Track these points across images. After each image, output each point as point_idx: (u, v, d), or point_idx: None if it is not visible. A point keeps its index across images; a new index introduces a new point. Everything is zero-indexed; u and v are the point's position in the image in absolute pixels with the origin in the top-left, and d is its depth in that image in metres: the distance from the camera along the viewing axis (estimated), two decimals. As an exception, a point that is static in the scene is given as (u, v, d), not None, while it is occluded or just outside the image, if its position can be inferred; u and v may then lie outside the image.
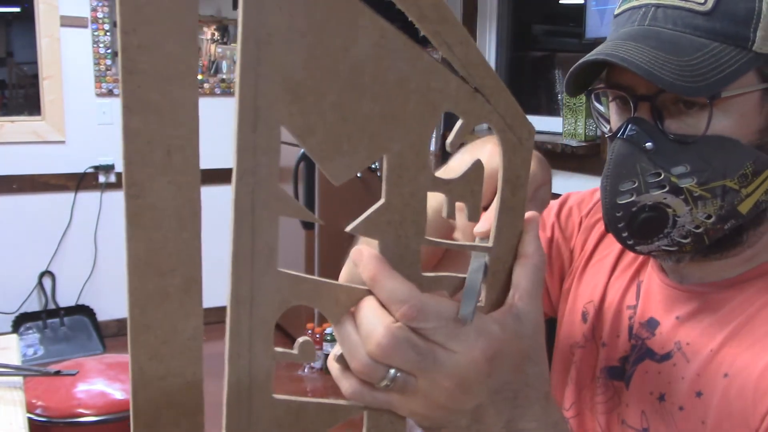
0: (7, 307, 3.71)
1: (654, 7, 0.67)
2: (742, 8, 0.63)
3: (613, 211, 0.68)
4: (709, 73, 0.62)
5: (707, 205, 0.66)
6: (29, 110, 4.23)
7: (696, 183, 0.65)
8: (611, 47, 0.65)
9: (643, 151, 0.66)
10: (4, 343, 1.63)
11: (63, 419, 1.94)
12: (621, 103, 0.71)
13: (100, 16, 3.71)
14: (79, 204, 3.79)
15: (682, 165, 0.65)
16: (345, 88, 0.37)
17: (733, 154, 0.65)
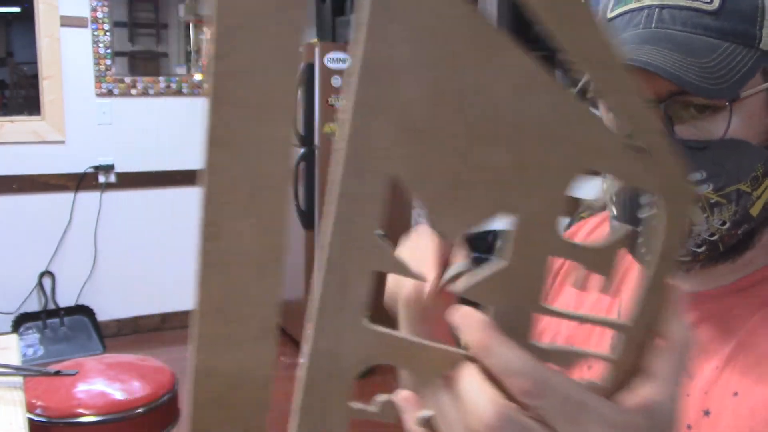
0: (7, 307, 3.71)
1: (658, 8, 0.64)
2: (747, 6, 0.63)
3: (634, 225, 0.65)
4: (728, 74, 0.61)
5: (723, 212, 0.64)
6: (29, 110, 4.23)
7: (713, 189, 0.63)
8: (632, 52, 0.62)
9: None
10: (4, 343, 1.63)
11: (63, 419, 1.94)
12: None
13: (100, 16, 3.71)
14: (79, 204, 3.79)
15: (699, 172, 0.63)
16: (474, 133, 0.32)
17: (746, 156, 0.64)
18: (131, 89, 3.85)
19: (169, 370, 2.21)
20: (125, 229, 3.90)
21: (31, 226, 3.71)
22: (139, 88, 3.86)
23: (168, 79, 3.94)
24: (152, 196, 3.95)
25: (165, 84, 3.92)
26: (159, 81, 3.91)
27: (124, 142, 3.83)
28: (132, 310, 3.99)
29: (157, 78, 3.93)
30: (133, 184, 3.90)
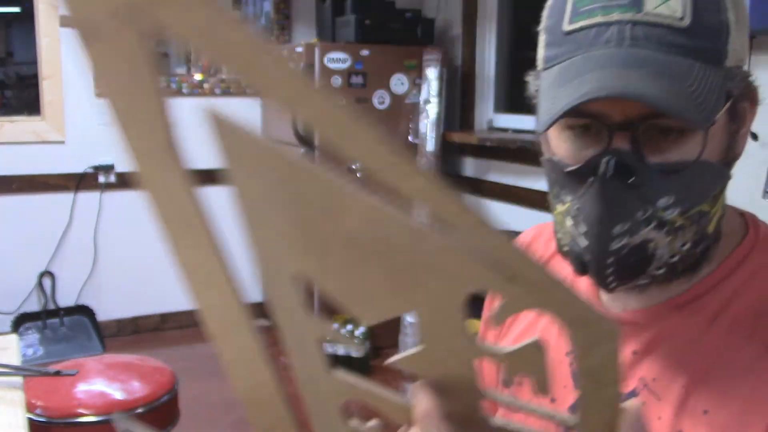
0: (7, 307, 3.71)
1: (630, 24, 0.60)
2: (714, 21, 0.61)
3: (605, 258, 0.62)
4: (706, 99, 0.59)
5: (685, 234, 0.63)
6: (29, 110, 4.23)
7: (679, 213, 0.62)
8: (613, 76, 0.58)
9: (630, 187, 0.61)
10: (4, 343, 1.63)
11: (63, 419, 1.94)
12: (579, 131, 0.64)
13: (100, 16, 3.71)
14: (78, 204, 3.79)
15: (668, 196, 0.61)
16: (345, 255, 0.35)
17: (710, 177, 0.63)
18: (131, 89, 3.85)
19: (169, 370, 2.21)
20: (125, 229, 3.90)
21: (31, 226, 3.71)
22: (139, 88, 3.86)
23: (168, 79, 3.94)
24: (152, 196, 3.95)
25: (165, 84, 3.92)
26: (159, 81, 3.91)
27: (124, 142, 3.83)
28: (132, 310, 3.99)
29: (157, 78, 3.93)
30: (133, 184, 3.88)
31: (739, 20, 0.63)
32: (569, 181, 0.64)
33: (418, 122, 3.61)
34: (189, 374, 3.36)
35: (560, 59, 0.64)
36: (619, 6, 0.61)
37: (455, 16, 3.90)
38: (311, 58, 3.43)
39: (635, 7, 0.60)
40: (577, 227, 0.64)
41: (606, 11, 0.61)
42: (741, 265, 0.68)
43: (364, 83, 3.53)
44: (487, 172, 3.76)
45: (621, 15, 0.60)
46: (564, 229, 0.67)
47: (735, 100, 0.64)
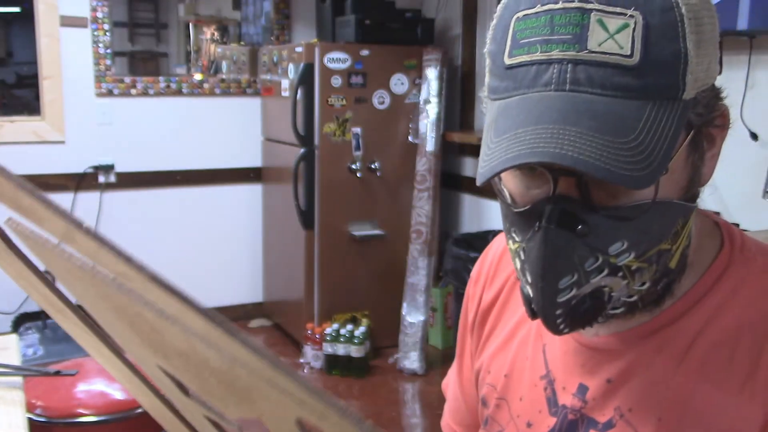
0: (7, 307, 3.71)
1: (570, 63, 0.55)
2: (668, 53, 0.55)
3: (553, 309, 0.60)
4: (656, 148, 0.54)
5: (643, 274, 0.60)
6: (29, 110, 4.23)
7: (634, 257, 0.59)
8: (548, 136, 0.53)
9: (577, 236, 0.57)
10: (4, 343, 1.63)
11: (63, 419, 1.93)
12: (527, 171, 0.60)
13: (100, 16, 3.71)
14: (79, 204, 3.79)
15: (619, 242, 0.58)
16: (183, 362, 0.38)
17: (669, 216, 0.60)
18: (131, 89, 3.84)
19: (169, 370, 2.21)
20: (125, 229, 3.90)
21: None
22: (139, 88, 3.86)
23: (168, 79, 3.94)
24: (152, 196, 3.95)
25: (165, 84, 3.92)
26: (159, 81, 3.91)
27: (124, 142, 3.83)
28: (132, 310, 3.98)
29: (157, 78, 3.92)
30: (133, 184, 3.90)
31: (701, 43, 0.57)
32: (519, 221, 0.61)
33: (418, 122, 3.62)
34: (189, 374, 3.36)
35: (501, 95, 0.60)
36: (560, 42, 0.55)
37: (455, 16, 3.90)
38: (311, 58, 3.43)
39: (577, 45, 0.54)
40: (525, 275, 0.61)
41: (546, 47, 0.56)
42: (719, 282, 0.65)
43: (364, 83, 3.53)
44: (487, 172, 3.75)
45: (562, 53, 0.55)
46: (516, 269, 0.64)
47: (698, 129, 0.60)
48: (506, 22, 0.60)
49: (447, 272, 3.14)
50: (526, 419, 0.74)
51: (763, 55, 2.34)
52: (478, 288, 0.86)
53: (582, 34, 0.54)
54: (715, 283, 0.65)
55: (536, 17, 0.57)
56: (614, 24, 0.54)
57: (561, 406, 0.71)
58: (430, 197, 3.58)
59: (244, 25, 4.51)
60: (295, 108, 3.43)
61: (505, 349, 0.80)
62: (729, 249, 0.67)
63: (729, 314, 0.64)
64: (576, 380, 0.70)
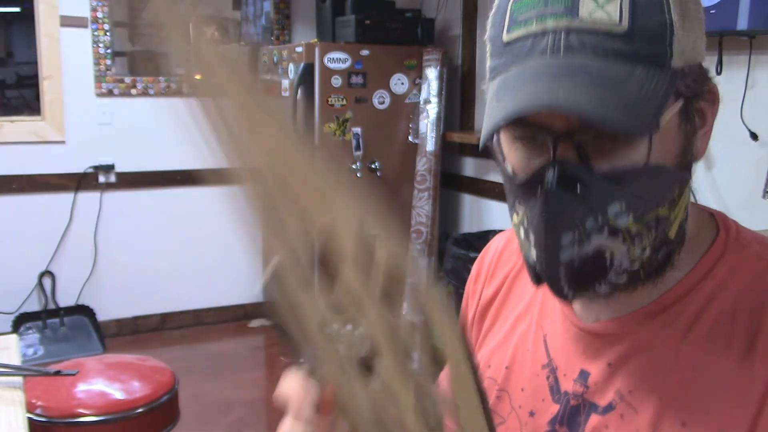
0: (7, 307, 3.71)
1: (563, 32, 0.59)
2: (655, 23, 0.58)
3: (556, 268, 0.62)
4: (647, 104, 0.57)
5: (643, 240, 0.62)
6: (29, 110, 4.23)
7: (632, 219, 0.61)
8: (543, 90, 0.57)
9: (576, 196, 0.60)
10: (4, 343, 1.63)
11: (63, 419, 1.94)
12: (527, 142, 0.63)
13: (100, 16, 3.71)
14: (79, 204, 3.79)
15: (617, 203, 0.60)
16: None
17: (664, 181, 0.62)
18: (131, 89, 3.84)
19: (169, 370, 2.21)
20: (125, 229, 3.90)
21: (31, 226, 3.71)
22: (139, 88, 3.86)
23: (168, 79, 3.94)
24: (152, 196, 3.95)
25: (165, 84, 3.92)
26: (159, 81, 3.91)
27: (124, 142, 3.83)
28: (132, 310, 3.99)
29: (157, 78, 3.92)
30: (133, 184, 3.90)
31: (686, 18, 0.60)
32: (521, 192, 0.63)
33: (418, 122, 3.61)
34: (189, 374, 3.36)
35: (500, 71, 0.63)
36: (554, 14, 0.59)
37: (455, 16, 3.90)
38: (311, 58, 3.43)
39: (569, 15, 0.58)
40: (528, 238, 0.64)
41: (541, 19, 0.59)
42: (714, 269, 0.67)
43: (364, 83, 3.53)
44: (487, 172, 3.76)
45: (555, 23, 0.59)
46: (520, 240, 0.66)
47: (688, 100, 0.62)
48: (504, 6, 0.64)
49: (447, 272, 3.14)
50: (528, 409, 0.75)
51: (763, 55, 2.34)
52: (478, 285, 0.87)
53: (573, 5, 0.58)
54: (711, 268, 0.67)
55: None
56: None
57: (563, 392, 0.72)
58: (430, 197, 3.58)
59: (244, 25, 4.51)
60: (295, 108, 3.43)
61: (505, 344, 0.80)
62: (724, 236, 0.69)
63: (725, 297, 0.65)
64: (578, 366, 0.71)
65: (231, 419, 3.07)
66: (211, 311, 4.17)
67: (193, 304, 4.12)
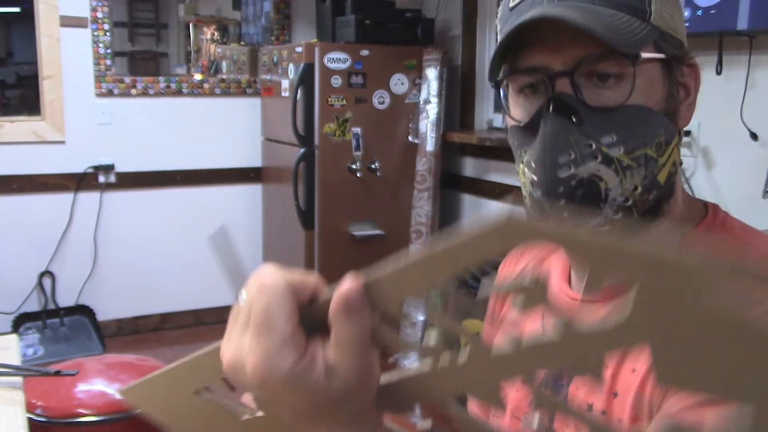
0: (7, 307, 3.71)
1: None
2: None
3: (555, 186, 0.68)
4: (629, 33, 0.66)
5: (634, 176, 0.68)
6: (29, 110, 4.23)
7: (624, 152, 0.67)
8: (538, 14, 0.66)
9: (573, 123, 0.67)
10: (4, 343, 1.63)
11: (63, 419, 1.94)
12: (531, 91, 0.71)
13: (100, 16, 3.71)
14: (79, 204, 3.79)
15: (609, 135, 0.67)
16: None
17: (651, 121, 0.69)
18: (131, 89, 3.84)
19: (169, 370, 2.21)
20: (125, 229, 3.90)
21: (31, 226, 3.71)
22: (139, 88, 3.86)
23: (168, 79, 3.94)
24: (152, 196, 3.95)
25: (165, 84, 3.92)
26: (159, 81, 3.91)
27: (124, 142, 3.83)
28: (132, 310, 3.99)
29: (157, 78, 3.92)
30: (133, 184, 3.90)
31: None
32: (525, 136, 0.71)
33: (418, 122, 3.61)
34: (189, 374, 3.36)
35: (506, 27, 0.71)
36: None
37: (455, 16, 3.90)
38: (311, 58, 3.43)
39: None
40: (530, 169, 0.70)
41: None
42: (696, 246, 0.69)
43: (364, 83, 3.53)
44: (487, 172, 3.76)
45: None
46: (524, 182, 0.73)
47: (669, 60, 0.70)
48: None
49: (447, 272, 3.14)
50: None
51: (763, 55, 2.34)
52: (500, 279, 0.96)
53: None
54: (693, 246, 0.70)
55: None
56: None
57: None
58: (430, 197, 3.58)
59: (244, 25, 4.51)
60: (295, 108, 3.43)
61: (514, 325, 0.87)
62: (712, 219, 0.75)
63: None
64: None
65: (231, 419, 3.07)
66: (211, 311, 4.17)
67: (193, 304, 4.12)
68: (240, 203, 4.14)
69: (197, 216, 4.04)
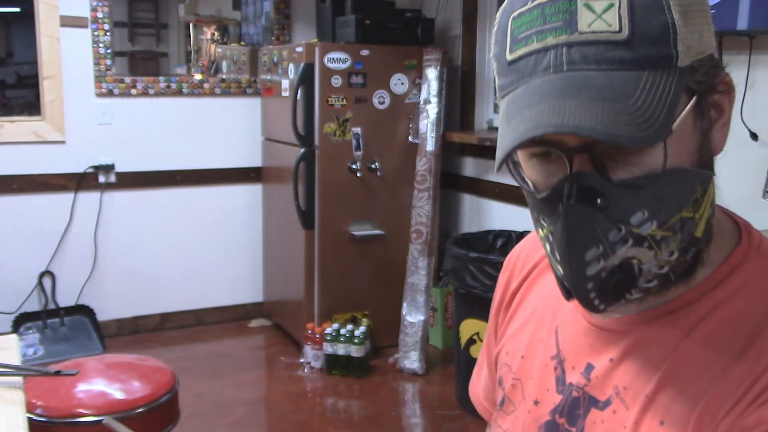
0: (7, 307, 3.71)
1: (564, 47, 0.58)
2: (656, 25, 0.58)
3: (584, 284, 0.62)
4: (656, 111, 0.56)
5: (670, 244, 0.62)
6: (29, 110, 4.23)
7: (656, 226, 0.60)
8: (549, 111, 0.56)
9: (597, 209, 0.59)
10: (4, 343, 1.63)
11: (63, 419, 1.93)
12: (543, 157, 0.63)
13: (100, 16, 3.71)
14: (79, 204, 3.79)
15: (639, 212, 0.60)
16: None
17: (685, 182, 0.61)
18: (131, 89, 3.84)
19: (169, 370, 2.21)
20: (125, 229, 3.90)
21: (31, 226, 3.71)
22: (139, 88, 3.86)
23: (168, 79, 3.94)
24: (152, 196, 3.95)
25: (165, 84, 3.92)
26: (159, 81, 3.91)
27: (124, 142, 3.83)
28: (132, 310, 3.99)
29: (157, 78, 3.92)
30: (133, 184, 3.90)
31: (689, 13, 0.60)
32: (543, 206, 0.63)
33: (418, 122, 3.61)
34: (189, 374, 3.36)
35: (507, 90, 0.63)
36: (553, 29, 0.59)
37: (455, 16, 3.90)
38: (311, 58, 3.43)
39: (569, 29, 0.58)
40: (554, 255, 0.64)
41: (541, 36, 0.60)
42: (731, 275, 0.66)
43: (364, 83, 3.53)
44: (487, 172, 3.76)
45: (555, 39, 0.59)
46: (548, 255, 0.66)
47: (701, 95, 0.62)
48: (504, 24, 0.64)
49: (447, 272, 3.14)
50: (534, 397, 0.76)
51: (763, 55, 2.34)
52: (504, 277, 0.90)
53: (572, 18, 0.58)
54: (727, 276, 0.66)
55: (529, 13, 0.61)
56: (600, 6, 0.58)
57: (568, 384, 0.73)
58: (430, 197, 3.58)
59: (244, 25, 4.51)
60: (295, 108, 3.43)
61: (522, 332, 0.82)
62: (746, 245, 0.68)
63: (735, 304, 0.65)
64: (584, 360, 0.72)
65: (231, 419, 3.07)
66: (211, 311, 4.17)
67: (193, 304, 4.12)
68: (240, 203, 4.14)
69: (197, 216, 4.04)
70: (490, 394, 0.93)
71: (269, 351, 3.88)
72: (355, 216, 3.62)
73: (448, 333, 3.75)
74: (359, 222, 3.63)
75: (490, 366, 0.92)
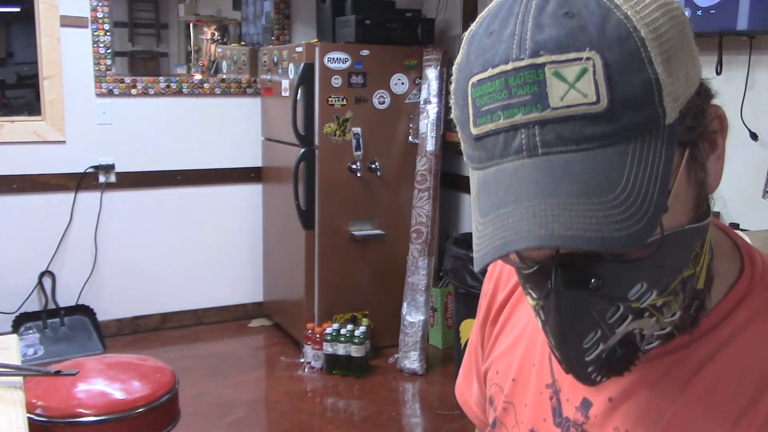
0: (7, 307, 3.71)
1: (537, 125, 0.51)
2: (637, 85, 0.50)
3: (583, 369, 0.57)
4: (648, 191, 0.50)
5: (672, 306, 0.57)
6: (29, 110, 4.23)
7: (657, 294, 0.55)
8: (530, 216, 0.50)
9: (591, 291, 0.54)
10: (4, 343, 1.63)
11: (63, 419, 1.93)
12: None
13: (100, 16, 3.71)
14: (79, 204, 3.79)
15: (637, 284, 0.55)
16: None
17: (683, 243, 0.56)
18: (131, 89, 3.84)
19: (169, 370, 2.21)
20: (125, 229, 3.90)
21: (31, 226, 3.71)
22: (139, 88, 3.86)
23: (168, 79, 3.94)
24: (152, 196, 3.95)
25: (165, 84, 3.92)
26: (159, 81, 3.91)
27: (124, 142, 3.83)
28: (132, 310, 3.99)
29: (157, 78, 3.92)
30: (133, 184, 3.90)
31: (672, 58, 0.52)
32: (530, 279, 0.58)
33: (418, 122, 3.61)
34: (189, 374, 3.36)
35: (477, 165, 0.57)
36: (521, 105, 0.51)
37: (455, 16, 3.90)
38: (311, 58, 3.43)
39: (539, 104, 0.50)
40: (548, 336, 0.58)
41: (508, 112, 0.52)
42: (734, 311, 0.62)
43: (364, 83, 3.53)
44: (487, 172, 3.75)
45: (525, 116, 0.51)
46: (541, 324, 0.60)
47: (693, 143, 0.56)
48: (463, 87, 0.57)
49: (447, 272, 3.14)
50: (529, 426, 0.74)
51: (763, 55, 2.34)
52: (489, 285, 0.85)
53: (541, 91, 0.51)
54: (731, 311, 0.63)
55: (491, 81, 0.53)
56: (572, 72, 0.50)
57: (565, 417, 0.70)
58: (430, 197, 3.58)
59: (244, 25, 4.51)
60: (295, 108, 3.43)
61: (512, 352, 0.79)
62: (749, 275, 0.63)
63: (738, 346, 0.61)
64: (580, 394, 0.69)
65: (231, 419, 3.07)
66: (211, 311, 4.17)
67: (193, 304, 4.12)
68: (240, 203, 4.14)
69: (197, 216, 4.05)
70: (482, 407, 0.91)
71: (269, 351, 3.88)
72: (355, 216, 3.62)
73: (448, 333, 3.75)
74: (359, 222, 3.63)
75: (479, 380, 0.89)
